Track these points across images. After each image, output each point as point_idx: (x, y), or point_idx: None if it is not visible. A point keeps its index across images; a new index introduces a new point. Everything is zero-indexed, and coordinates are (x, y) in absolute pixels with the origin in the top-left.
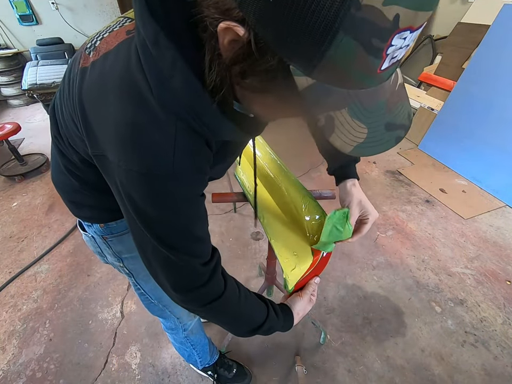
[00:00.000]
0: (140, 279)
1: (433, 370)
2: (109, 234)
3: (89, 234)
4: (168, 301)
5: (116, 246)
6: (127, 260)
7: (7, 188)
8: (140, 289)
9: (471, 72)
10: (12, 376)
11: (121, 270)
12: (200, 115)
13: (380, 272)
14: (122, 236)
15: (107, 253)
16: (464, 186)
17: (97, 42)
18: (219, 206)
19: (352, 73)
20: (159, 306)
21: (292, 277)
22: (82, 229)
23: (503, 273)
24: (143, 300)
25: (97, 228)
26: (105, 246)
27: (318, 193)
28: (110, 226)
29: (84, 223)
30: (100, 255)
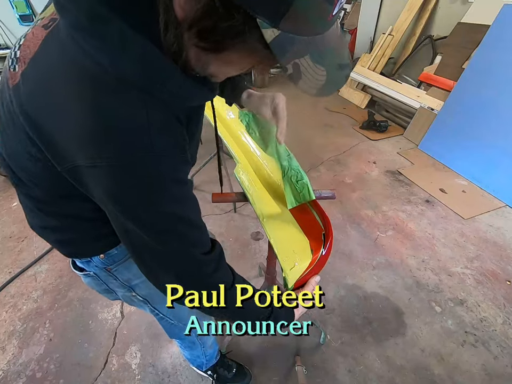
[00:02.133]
0: (156, 303)
1: (433, 370)
2: (112, 264)
3: (91, 272)
4: (188, 317)
5: (123, 275)
6: (138, 286)
7: (7, 188)
8: (159, 314)
9: (471, 72)
10: (12, 376)
11: (135, 300)
12: (165, 83)
13: (380, 272)
14: (126, 261)
15: (115, 287)
16: (464, 186)
17: (17, 53)
18: (219, 206)
19: (312, 20)
20: (180, 325)
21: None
22: (80, 269)
23: (503, 273)
24: (164, 325)
25: (98, 260)
26: (111, 279)
27: (318, 193)
28: (111, 255)
29: (80, 262)
30: (107, 292)
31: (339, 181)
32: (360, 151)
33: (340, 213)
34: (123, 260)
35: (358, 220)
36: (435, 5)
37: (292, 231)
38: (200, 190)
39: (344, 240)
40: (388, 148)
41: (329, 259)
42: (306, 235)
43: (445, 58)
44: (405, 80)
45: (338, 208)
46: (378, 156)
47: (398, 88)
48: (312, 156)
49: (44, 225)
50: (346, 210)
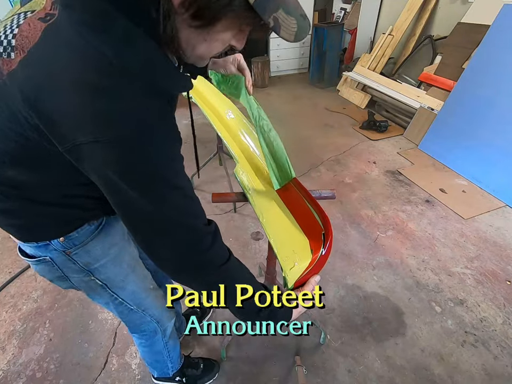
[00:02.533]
0: (115, 287)
1: (433, 370)
2: (71, 247)
3: (46, 257)
4: (148, 303)
5: (82, 259)
6: (97, 270)
7: None
8: (117, 298)
9: (471, 72)
10: (12, 376)
11: (91, 286)
12: (162, 73)
13: (380, 272)
14: (86, 245)
15: (71, 272)
16: (464, 186)
17: (12, 42)
18: (219, 206)
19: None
20: (139, 312)
21: (291, 275)
22: (31, 256)
23: (503, 273)
24: (121, 311)
25: (57, 244)
26: (69, 263)
27: (318, 193)
28: (72, 238)
29: (34, 248)
30: (60, 280)
31: (339, 181)
32: (360, 151)
33: (340, 213)
34: (83, 244)
35: (358, 219)
36: (435, 5)
37: (292, 230)
38: (200, 190)
39: (344, 240)
40: (388, 148)
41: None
42: (306, 235)
43: (445, 58)
44: (405, 80)
45: (338, 208)
46: (378, 155)
47: (398, 88)
48: (312, 156)
49: (3, 208)
50: (346, 210)
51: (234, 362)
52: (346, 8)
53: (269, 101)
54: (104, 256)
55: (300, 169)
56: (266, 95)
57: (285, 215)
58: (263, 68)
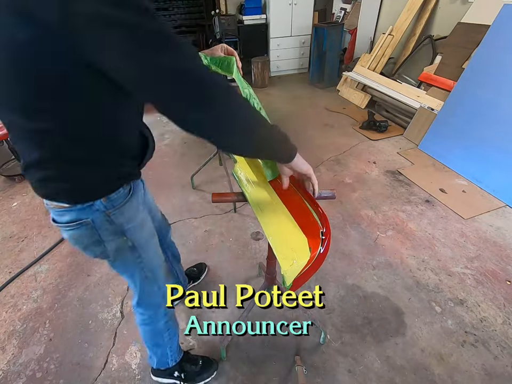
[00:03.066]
0: (141, 248)
1: (433, 370)
2: (111, 208)
3: (88, 219)
4: (160, 274)
5: (118, 219)
6: (129, 231)
7: (7, 188)
8: (141, 261)
9: (471, 72)
10: (12, 376)
11: (122, 248)
12: None
13: (380, 272)
14: (122, 207)
15: (107, 234)
16: (464, 186)
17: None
18: (219, 206)
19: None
20: (152, 281)
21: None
22: (73, 221)
23: (503, 273)
24: (139, 278)
25: (100, 204)
26: (107, 224)
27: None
28: (112, 199)
29: (77, 211)
30: (95, 244)
31: (339, 181)
32: (360, 151)
33: (340, 213)
34: (120, 205)
35: (358, 219)
36: (435, 5)
37: (290, 229)
38: (200, 190)
39: (344, 240)
40: (388, 148)
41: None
42: (304, 233)
43: (445, 58)
44: (405, 80)
45: (338, 208)
46: (378, 155)
47: (398, 88)
48: (312, 156)
49: (51, 176)
50: (346, 210)
51: (234, 362)
52: (346, 8)
53: (269, 101)
54: (133, 219)
55: None
56: (266, 95)
57: (284, 213)
58: (263, 67)
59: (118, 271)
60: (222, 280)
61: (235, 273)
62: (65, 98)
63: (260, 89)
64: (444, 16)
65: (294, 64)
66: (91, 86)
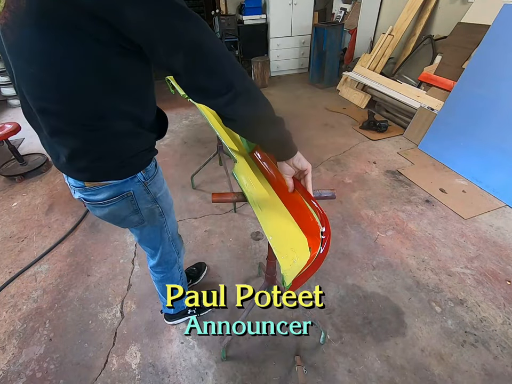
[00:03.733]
0: (166, 214)
1: (433, 370)
2: (147, 178)
3: (129, 191)
4: (176, 235)
5: (152, 188)
6: (159, 199)
7: (7, 188)
8: (166, 225)
9: (471, 72)
10: (12, 376)
11: (154, 213)
12: None
13: (380, 272)
14: (154, 177)
15: (144, 203)
16: (464, 186)
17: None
18: (219, 206)
19: None
20: (171, 242)
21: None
22: (114, 196)
23: (503, 273)
24: (163, 240)
25: (140, 176)
26: (144, 193)
27: (318, 193)
28: (148, 170)
29: (121, 185)
30: (133, 214)
31: (339, 181)
32: (360, 151)
33: (340, 213)
34: (153, 176)
35: (358, 219)
36: (435, 5)
37: (290, 229)
38: (200, 190)
39: (344, 240)
40: (388, 147)
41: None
42: (304, 233)
43: (445, 58)
44: (405, 80)
45: (338, 208)
46: (378, 156)
47: (398, 88)
48: (312, 156)
49: (105, 151)
50: (346, 210)
51: (234, 362)
52: (346, 8)
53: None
54: (161, 188)
55: None
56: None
57: (284, 213)
58: (263, 67)
59: (145, 235)
60: (222, 280)
61: (235, 273)
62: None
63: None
64: (444, 16)
65: (294, 64)
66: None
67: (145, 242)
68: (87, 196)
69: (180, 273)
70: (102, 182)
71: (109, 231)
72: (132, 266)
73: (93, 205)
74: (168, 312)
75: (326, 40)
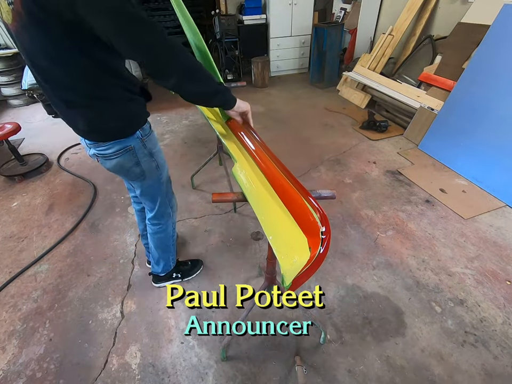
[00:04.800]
0: (161, 168)
1: (433, 370)
2: (144, 135)
3: (131, 145)
4: (170, 191)
5: (149, 144)
6: (155, 154)
7: (7, 188)
8: (161, 178)
9: (471, 72)
10: (12, 376)
11: (152, 167)
12: None
13: (380, 272)
14: (150, 135)
15: (143, 156)
16: (464, 186)
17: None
18: (219, 206)
19: None
20: (165, 196)
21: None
22: (120, 150)
23: (503, 273)
24: (159, 191)
25: (139, 133)
26: (143, 148)
27: (318, 194)
28: (144, 129)
29: (124, 141)
30: (135, 165)
31: (339, 181)
32: (360, 151)
33: (340, 213)
34: (149, 134)
35: (358, 219)
36: (435, 5)
37: (290, 228)
38: (200, 190)
39: (344, 240)
40: (388, 148)
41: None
42: (304, 232)
43: (445, 58)
44: (405, 80)
45: (338, 208)
46: (378, 156)
47: (398, 88)
48: (312, 156)
49: (107, 119)
50: (346, 210)
51: (234, 362)
52: (346, 8)
53: (269, 101)
54: (156, 145)
55: (300, 169)
56: (266, 95)
57: (283, 213)
58: (263, 67)
59: (145, 188)
60: (222, 280)
61: (235, 273)
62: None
63: (260, 89)
64: (444, 16)
65: (294, 64)
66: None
67: (145, 195)
68: (100, 151)
69: (172, 229)
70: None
71: (109, 231)
72: (131, 266)
73: (104, 158)
74: (157, 273)
75: (326, 40)
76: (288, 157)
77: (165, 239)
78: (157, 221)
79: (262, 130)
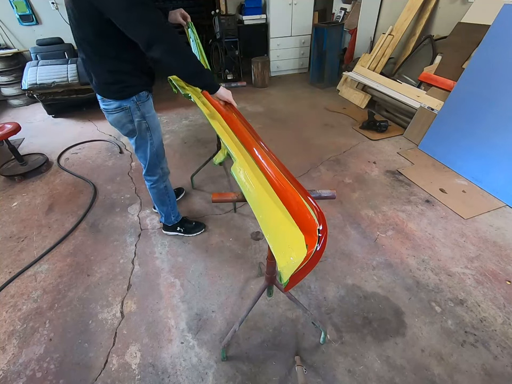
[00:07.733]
0: (152, 130)
1: (433, 370)
2: (139, 101)
3: (127, 106)
4: (161, 155)
5: (143, 108)
6: (147, 117)
7: (7, 188)
8: (152, 139)
9: (471, 72)
10: (12, 376)
11: (143, 127)
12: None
13: (380, 272)
14: (145, 102)
15: (136, 116)
16: (464, 186)
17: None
18: (219, 206)
19: None
20: (156, 159)
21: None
22: (118, 107)
23: (503, 273)
24: (150, 152)
25: (135, 97)
26: (137, 110)
27: (318, 193)
28: (140, 96)
29: (123, 101)
30: (129, 122)
31: (339, 181)
32: (360, 151)
33: (340, 213)
34: (144, 101)
35: (358, 219)
36: (435, 5)
37: (288, 226)
38: (200, 190)
39: (344, 240)
40: (388, 147)
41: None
42: (301, 230)
43: (445, 58)
44: (405, 80)
45: (338, 208)
46: (378, 156)
47: (398, 88)
48: (312, 156)
49: (121, 79)
50: (346, 210)
51: (234, 362)
52: (346, 8)
53: (269, 101)
54: (150, 111)
55: (300, 169)
56: (266, 95)
57: (281, 211)
58: (263, 67)
59: (138, 145)
60: (222, 280)
61: (235, 273)
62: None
63: (260, 89)
64: (444, 16)
65: (294, 64)
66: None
67: (138, 152)
68: (104, 106)
69: (164, 187)
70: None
71: (109, 231)
72: (131, 266)
73: (107, 112)
74: (166, 223)
75: (326, 40)
76: (288, 157)
77: (158, 194)
78: (149, 177)
79: (262, 130)
